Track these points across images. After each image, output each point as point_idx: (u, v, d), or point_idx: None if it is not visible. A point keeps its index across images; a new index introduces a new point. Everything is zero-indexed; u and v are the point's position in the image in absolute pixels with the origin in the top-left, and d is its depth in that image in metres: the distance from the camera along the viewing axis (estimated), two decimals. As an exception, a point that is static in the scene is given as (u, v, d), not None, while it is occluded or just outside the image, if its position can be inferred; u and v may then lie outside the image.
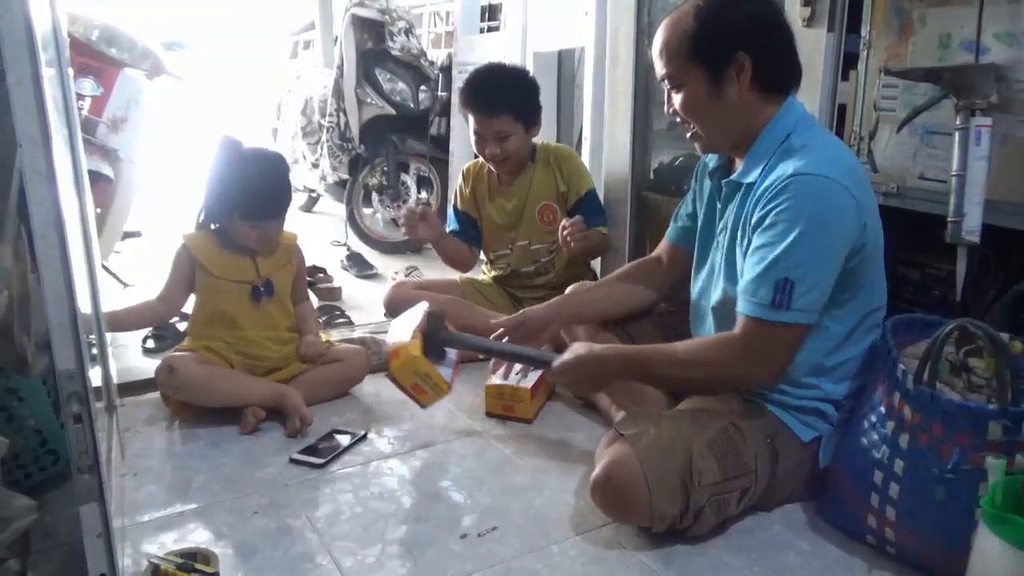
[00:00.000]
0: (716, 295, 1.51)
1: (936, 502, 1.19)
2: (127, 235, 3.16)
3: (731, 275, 1.45)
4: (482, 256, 2.54)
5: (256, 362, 1.90)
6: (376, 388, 2.05)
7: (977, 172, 1.49)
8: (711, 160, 1.57)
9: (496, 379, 1.88)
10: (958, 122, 1.50)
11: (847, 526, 1.37)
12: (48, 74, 1.01)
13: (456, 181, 2.55)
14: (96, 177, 2.54)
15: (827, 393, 1.42)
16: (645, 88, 2.40)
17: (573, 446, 1.74)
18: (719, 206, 1.53)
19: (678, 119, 1.48)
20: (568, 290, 1.89)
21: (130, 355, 2.28)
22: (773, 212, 1.30)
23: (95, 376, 1.57)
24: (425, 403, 1.70)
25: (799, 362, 1.39)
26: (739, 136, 1.44)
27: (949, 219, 1.52)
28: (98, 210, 2.63)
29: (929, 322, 1.42)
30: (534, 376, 1.90)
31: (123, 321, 1.93)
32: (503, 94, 2.21)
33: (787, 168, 1.31)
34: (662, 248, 1.81)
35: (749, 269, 1.33)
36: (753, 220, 1.35)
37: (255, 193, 1.85)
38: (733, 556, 1.32)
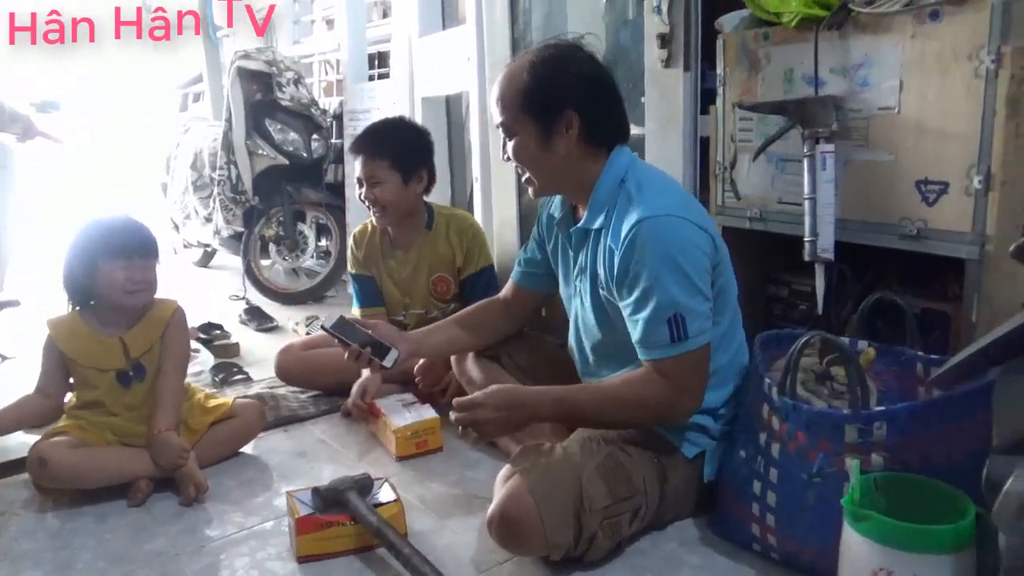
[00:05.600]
0: (590, 338, 1.59)
1: (808, 506, 1.27)
2: (3, 305, 2.99)
3: (600, 317, 1.53)
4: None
5: (129, 440, 1.77)
6: (274, 444, 2.01)
7: (826, 194, 1.61)
8: (556, 211, 1.65)
9: (399, 421, 1.91)
10: (805, 149, 1.63)
11: (734, 536, 1.43)
12: None
13: (353, 230, 2.50)
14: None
15: (705, 404, 1.48)
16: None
17: (475, 484, 1.75)
18: (571, 253, 1.60)
19: (515, 166, 1.55)
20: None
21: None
22: (633, 263, 1.37)
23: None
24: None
25: None
26: (571, 185, 1.54)
27: (806, 239, 1.64)
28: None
29: (794, 336, 1.51)
30: (420, 408, 1.98)
31: (4, 424, 1.77)
32: (384, 140, 2.23)
33: (631, 215, 1.39)
34: (507, 289, 1.88)
35: (636, 324, 1.39)
36: (616, 271, 1.41)
37: (118, 229, 1.76)
38: (630, 578, 1.36)
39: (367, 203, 2.24)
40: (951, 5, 1.42)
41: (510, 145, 1.51)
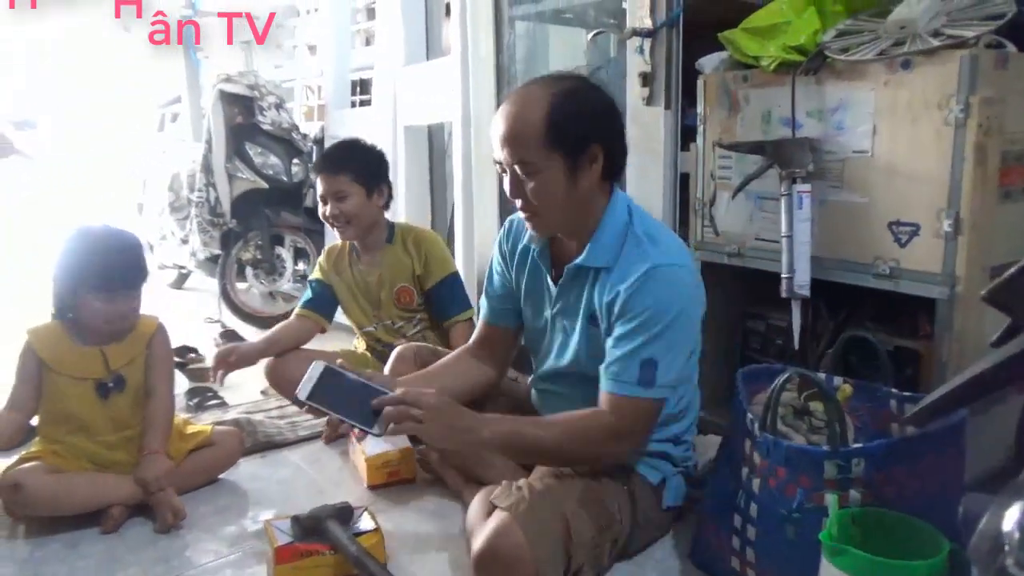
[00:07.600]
0: (571, 374, 1.55)
1: (787, 541, 1.28)
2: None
3: (590, 357, 1.49)
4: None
5: (106, 469, 1.74)
6: (251, 471, 1.99)
7: (802, 232, 1.66)
8: (532, 243, 1.59)
9: (371, 449, 1.89)
10: (783, 189, 1.68)
11: (714, 568, 1.44)
12: None
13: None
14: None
15: (673, 433, 1.53)
16: (510, 161, 2.52)
17: (450, 513, 1.74)
18: (551, 289, 1.56)
19: (518, 202, 1.46)
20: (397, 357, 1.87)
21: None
22: (636, 302, 1.38)
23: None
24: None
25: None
26: (578, 222, 1.48)
27: (783, 275, 1.68)
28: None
29: (775, 370, 1.54)
30: (395, 436, 1.88)
31: None
32: (344, 156, 2.33)
33: (644, 259, 1.40)
34: (479, 331, 1.75)
35: (613, 354, 1.40)
36: (617, 308, 1.40)
37: (102, 261, 1.72)
38: (610, 611, 1.36)
39: (330, 221, 2.30)
40: (922, 56, 1.49)
41: (530, 185, 1.40)
